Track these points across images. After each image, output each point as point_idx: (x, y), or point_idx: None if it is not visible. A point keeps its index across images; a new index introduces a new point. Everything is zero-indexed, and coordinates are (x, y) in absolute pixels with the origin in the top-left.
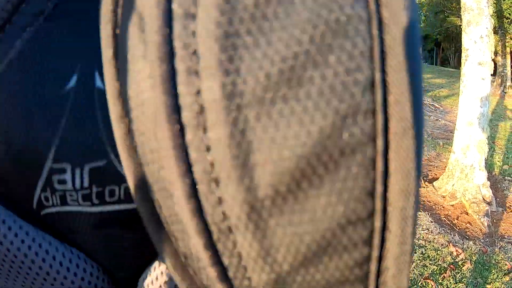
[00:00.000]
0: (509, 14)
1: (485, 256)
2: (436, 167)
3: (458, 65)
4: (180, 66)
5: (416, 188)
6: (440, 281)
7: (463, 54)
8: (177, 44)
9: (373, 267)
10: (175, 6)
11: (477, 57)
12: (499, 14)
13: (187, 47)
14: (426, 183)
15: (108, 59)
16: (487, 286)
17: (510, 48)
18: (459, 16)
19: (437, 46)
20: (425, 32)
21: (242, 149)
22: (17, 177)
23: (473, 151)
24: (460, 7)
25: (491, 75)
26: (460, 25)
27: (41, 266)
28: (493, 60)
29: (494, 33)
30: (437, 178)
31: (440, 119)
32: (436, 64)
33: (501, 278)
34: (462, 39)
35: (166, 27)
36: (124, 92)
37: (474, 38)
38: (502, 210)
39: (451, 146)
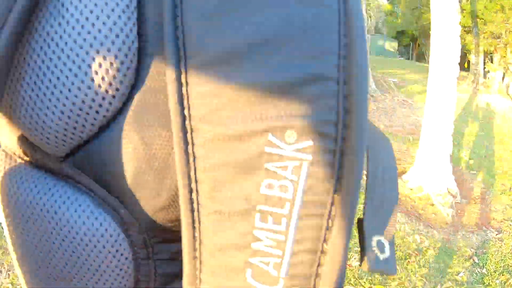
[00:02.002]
0: (483, 14)
1: (448, 243)
2: (405, 161)
3: None
4: None
5: None
6: (405, 265)
7: (431, 53)
8: None
9: None
10: None
11: (444, 55)
12: (472, 15)
13: None
14: None
15: None
16: (449, 270)
17: (484, 47)
18: None
19: (413, 41)
20: (402, 28)
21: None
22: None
23: (438, 146)
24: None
25: (465, 71)
26: None
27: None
28: (466, 58)
29: (468, 32)
30: (406, 172)
31: (411, 115)
32: (411, 59)
33: (462, 263)
34: (431, 37)
35: None
36: None
37: (442, 36)
38: (466, 202)
39: (419, 141)
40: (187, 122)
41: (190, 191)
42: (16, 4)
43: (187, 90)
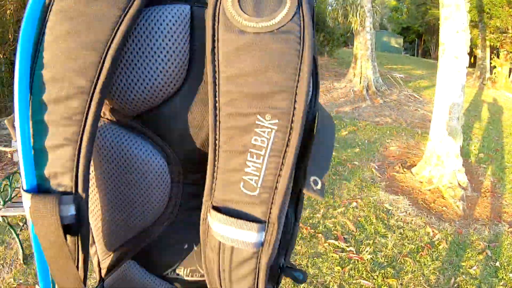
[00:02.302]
0: (489, 9)
1: (461, 236)
2: (414, 154)
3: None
4: None
5: None
6: (418, 258)
7: (440, 48)
8: None
9: None
10: None
11: (453, 51)
12: (479, 9)
13: None
14: (404, 169)
15: None
16: (462, 263)
17: (490, 42)
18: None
19: (419, 37)
20: (407, 24)
21: None
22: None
23: (449, 139)
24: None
25: (471, 67)
26: None
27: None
28: (473, 53)
29: (474, 27)
30: (415, 165)
31: (419, 109)
32: (417, 56)
33: (475, 257)
34: (440, 34)
35: None
36: None
37: (451, 33)
38: (477, 195)
39: (429, 135)
40: (217, 104)
41: (214, 140)
42: (121, 25)
43: (219, 89)
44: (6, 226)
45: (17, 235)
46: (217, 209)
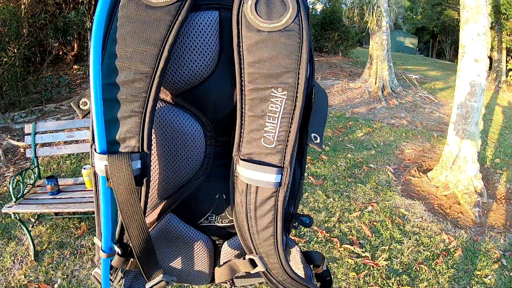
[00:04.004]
0: (506, 10)
1: (476, 244)
2: (430, 158)
3: (453, 58)
4: None
5: None
6: (433, 266)
7: (460, 51)
8: None
9: None
10: None
11: (473, 54)
12: (495, 10)
13: None
14: (420, 173)
15: None
16: (477, 272)
17: (506, 44)
18: (456, 10)
19: (433, 38)
20: (422, 24)
21: None
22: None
23: (466, 144)
24: (458, 1)
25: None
26: (457, 19)
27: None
28: (489, 55)
29: (490, 28)
30: (431, 169)
31: (435, 112)
32: (431, 57)
33: (491, 266)
34: (460, 36)
35: None
36: None
37: (472, 36)
38: (493, 202)
39: (445, 138)
40: (243, 82)
41: (242, 108)
42: (174, 27)
43: (244, 72)
44: (18, 223)
45: (29, 231)
46: (244, 160)
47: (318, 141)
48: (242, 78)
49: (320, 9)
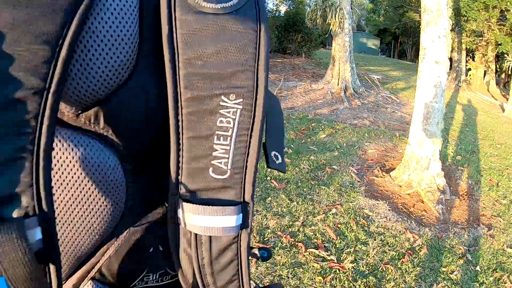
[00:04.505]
0: (466, 12)
1: (441, 241)
2: (393, 157)
3: (415, 59)
4: None
5: None
6: (399, 265)
7: (420, 53)
8: None
9: None
10: None
11: (434, 56)
12: (456, 12)
13: None
14: (383, 173)
15: None
16: (443, 269)
17: (466, 45)
18: (418, 12)
19: (395, 39)
20: (384, 25)
21: None
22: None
23: (428, 144)
24: (420, 3)
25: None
26: (418, 20)
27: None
28: (449, 56)
29: (451, 30)
30: (394, 168)
31: (396, 111)
32: (393, 57)
33: (456, 262)
34: (421, 38)
35: None
36: None
37: (432, 38)
38: (456, 198)
39: (407, 137)
40: (177, 89)
41: (176, 127)
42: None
43: (179, 74)
44: None
45: None
46: (187, 200)
47: (280, 160)
48: (177, 83)
49: (284, 11)
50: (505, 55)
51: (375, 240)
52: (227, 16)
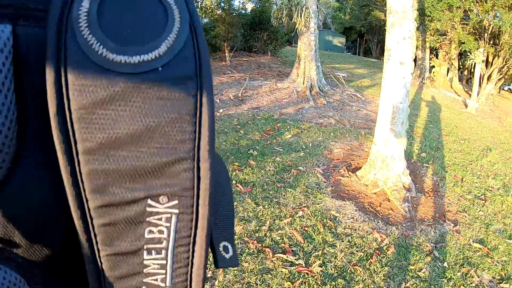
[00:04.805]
0: (430, 12)
1: (408, 239)
2: (359, 156)
3: (380, 56)
4: None
5: None
6: (368, 266)
7: (385, 54)
8: None
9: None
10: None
11: (399, 57)
12: (420, 12)
13: None
14: (349, 172)
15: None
16: (411, 267)
17: (430, 43)
18: (383, 11)
19: (361, 37)
20: (350, 24)
21: None
22: None
23: (393, 143)
24: (385, 3)
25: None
26: (383, 19)
27: None
28: (413, 56)
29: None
30: (360, 167)
31: (362, 109)
32: (359, 55)
33: (423, 259)
34: (386, 39)
35: None
36: None
37: (397, 39)
38: (421, 195)
39: (373, 136)
40: (81, 193)
41: (89, 244)
42: None
43: (80, 171)
44: None
45: None
46: None
47: (231, 253)
48: (79, 186)
49: (250, 9)
50: (468, 53)
51: (342, 241)
52: (151, 75)
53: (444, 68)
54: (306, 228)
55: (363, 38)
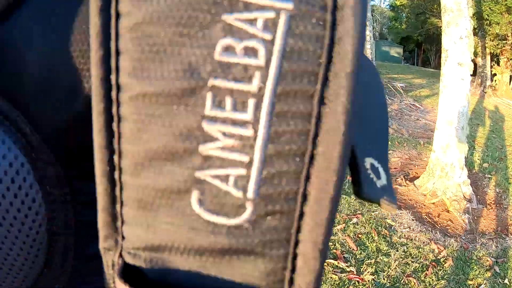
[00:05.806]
0: (488, 15)
1: (467, 252)
2: (417, 166)
3: (438, 66)
4: None
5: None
6: (423, 278)
7: (443, 55)
8: None
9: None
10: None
11: (456, 58)
12: (478, 16)
13: None
14: (407, 181)
15: None
16: (469, 282)
17: (490, 49)
18: (440, 18)
19: (418, 47)
20: (407, 33)
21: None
22: None
23: (453, 150)
24: (441, 9)
25: (471, 75)
26: (441, 27)
27: None
28: (473, 60)
29: (474, 34)
30: (418, 177)
31: (420, 119)
32: (417, 65)
33: (483, 274)
34: (442, 40)
35: None
36: None
37: (454, 39)
38: (483, 207)
39: (432, 145)
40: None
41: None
42: None
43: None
44: None
45: None
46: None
47: (384, 181)
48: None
49: None
50: None
51: (397, 251)
52: None
53: (507, 76)
54: (359, 235)
55: (420, 48)
